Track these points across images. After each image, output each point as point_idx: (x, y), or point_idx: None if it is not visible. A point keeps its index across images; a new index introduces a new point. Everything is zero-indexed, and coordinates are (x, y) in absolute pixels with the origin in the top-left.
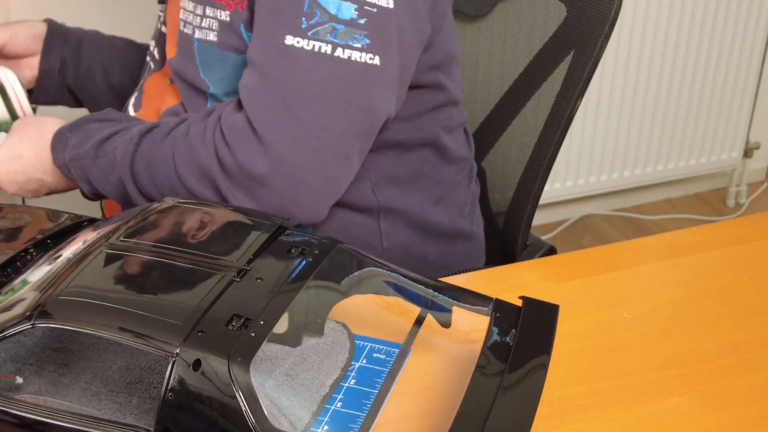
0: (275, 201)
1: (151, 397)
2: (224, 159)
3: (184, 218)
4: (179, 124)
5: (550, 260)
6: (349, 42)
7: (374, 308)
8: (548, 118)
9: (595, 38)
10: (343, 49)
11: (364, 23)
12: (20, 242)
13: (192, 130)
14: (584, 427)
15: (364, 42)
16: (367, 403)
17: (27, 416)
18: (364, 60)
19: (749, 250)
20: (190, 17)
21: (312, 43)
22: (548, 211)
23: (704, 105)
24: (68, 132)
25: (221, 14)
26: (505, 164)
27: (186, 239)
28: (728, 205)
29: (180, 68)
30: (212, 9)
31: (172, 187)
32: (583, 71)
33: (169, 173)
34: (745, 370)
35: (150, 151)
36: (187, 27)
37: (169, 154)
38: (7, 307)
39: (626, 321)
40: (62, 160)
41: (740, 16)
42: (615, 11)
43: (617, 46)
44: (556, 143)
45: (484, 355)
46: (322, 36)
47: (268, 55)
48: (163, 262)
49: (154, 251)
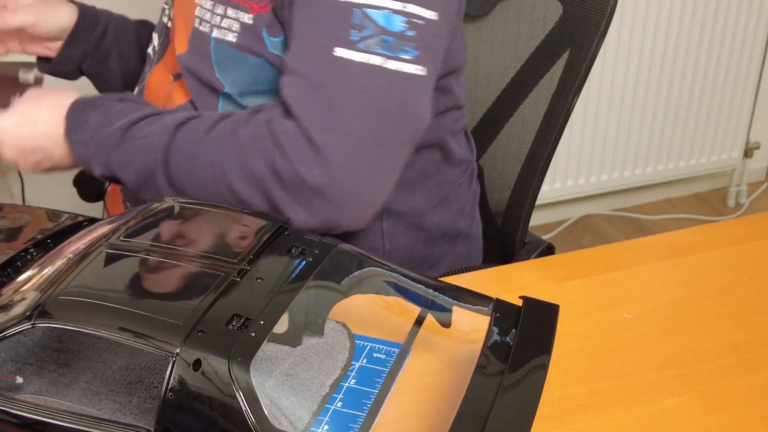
0: (329, 211)
1: (151, 396)
2: (280, 168)
3: (184, 218)
4: (220, 120)
5: (550, 260)
6: (399, 54)
7: (374, 308)
8: (545, 115)
9: (591, 36)
10: (394, 60)
11: (414, 36)
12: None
13: (242, 132)
14: (584, 427)
15: (414, 54)
16: (367, 403)
17: (27, 416)
18: (412, 71)
19: (749, 250)
20: (207, 15)
21: (363, 56)
22: (548, 211)
23: (704, 105)
24: (88, 108)
25: (244, 17)
26: (503, 162)
27: (186, 239)
28: (728, 205)
29: (192, 65)
30: (234, 10)
31: (216, 188)
32: (580, 69)
33: (215, 174)
34: (745, 370)
35: (191, 146)
36: (204, 25)
37: (216, 154)
38: (7, 307)
39: (626, 321)
40: (79, 136)
41: (740, 16)
42: (611, 8)
43: (617, 46)
44: (553, 141)
45: (484, 355)
46: (373, 48)
47: (318, 66)
48: (163, 261)
49: (154, 251)
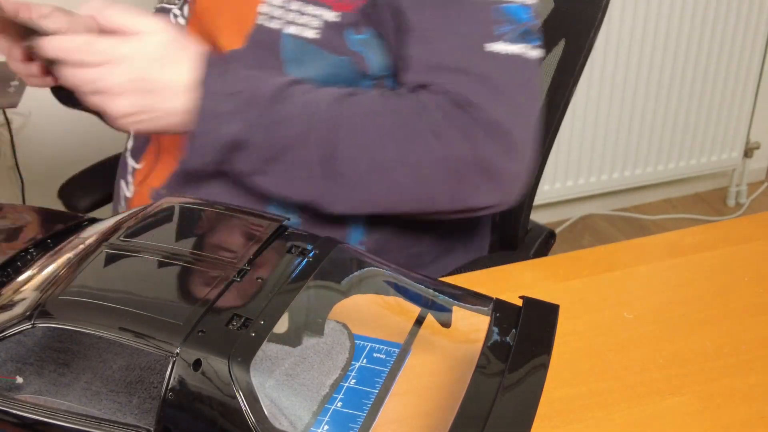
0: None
1: (151, 396)
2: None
3: (184, 218)
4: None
5: (550, 260)
6: (533, 42)
7: (374, 308)
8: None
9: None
10: (532, 49)
11: (536, 24)
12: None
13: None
14: (584, 427)
15: (539, 41)
16: (367, 403)
17: (27, 416)
18: (540, 56)
19: (749, 250)
20: (277, 12)
21: (510, 47)
22: (548, 211)
23: (704, 105)
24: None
25: (326, 14)
26: None
27: (186, 239)
28: (728, 205)
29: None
30: (315, 7)
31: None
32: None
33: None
34: (745, 370)
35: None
36: (273, 22)
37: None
38: (7, 307)
39: (626, 321)
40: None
41: (740, 16)
42: None
43: (617, 46)
44: (553, 130)
45: (484, 355)
46: (516, 40)
47: (479, 62)
48: (163, 261)
49: (154, 251)
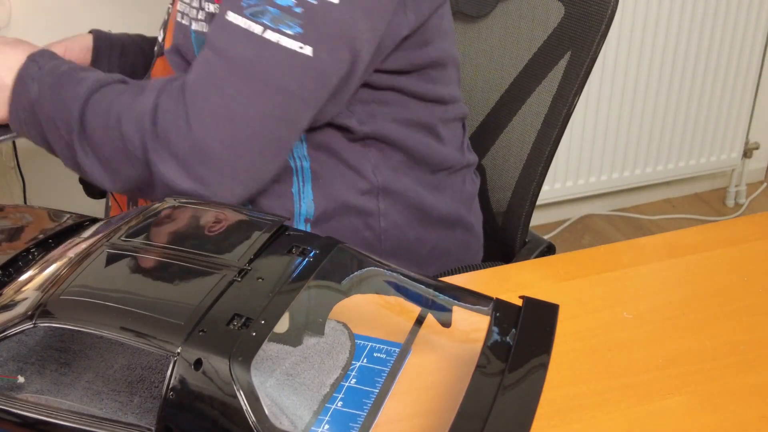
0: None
1: (152, 396)
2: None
3: (185, 218)
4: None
5: (550, 260)
6: (281, 27)
7: (375, 308)
8: (546, 116)
9: (592, 37)
10: (273, 32)
11: (300, 12)
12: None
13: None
14: (584, 427)
15: (296, 30)
16: (367, 403)
17: (29, 415)
18: (293, 48)
19: (749, 250)
20: (187, 9)
21: (247, 22)
22: (548, 211)
23: (704, 105)
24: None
25: (209, 6)
26: (504, 163)
27: (187, 239)
28: (728, 205)
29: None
30: (206, 2)
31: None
32: (581, 70)
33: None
34: (745, 370)
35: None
36: (185, 18)
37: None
38: (8, 307)
39: (626, 321)
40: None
41: (740, 16)
42: (612, 9)
43: (617, 46)
44: (554, 141)
45: (484, 354)
46: (257, 17)
47: (214, 30)
48: (164, 261)
49: (155, 251)
